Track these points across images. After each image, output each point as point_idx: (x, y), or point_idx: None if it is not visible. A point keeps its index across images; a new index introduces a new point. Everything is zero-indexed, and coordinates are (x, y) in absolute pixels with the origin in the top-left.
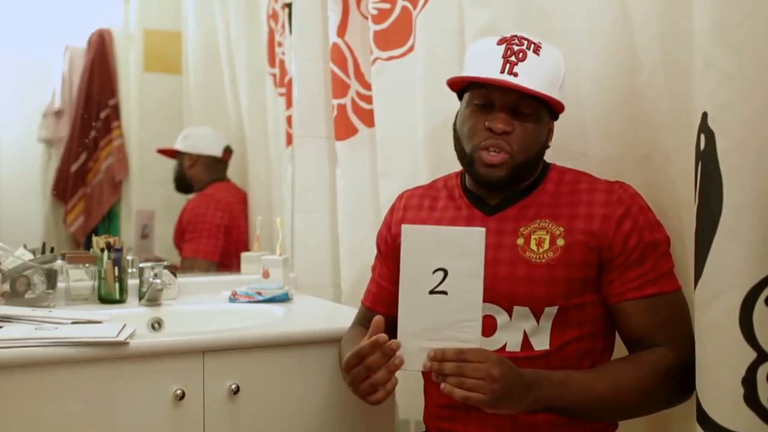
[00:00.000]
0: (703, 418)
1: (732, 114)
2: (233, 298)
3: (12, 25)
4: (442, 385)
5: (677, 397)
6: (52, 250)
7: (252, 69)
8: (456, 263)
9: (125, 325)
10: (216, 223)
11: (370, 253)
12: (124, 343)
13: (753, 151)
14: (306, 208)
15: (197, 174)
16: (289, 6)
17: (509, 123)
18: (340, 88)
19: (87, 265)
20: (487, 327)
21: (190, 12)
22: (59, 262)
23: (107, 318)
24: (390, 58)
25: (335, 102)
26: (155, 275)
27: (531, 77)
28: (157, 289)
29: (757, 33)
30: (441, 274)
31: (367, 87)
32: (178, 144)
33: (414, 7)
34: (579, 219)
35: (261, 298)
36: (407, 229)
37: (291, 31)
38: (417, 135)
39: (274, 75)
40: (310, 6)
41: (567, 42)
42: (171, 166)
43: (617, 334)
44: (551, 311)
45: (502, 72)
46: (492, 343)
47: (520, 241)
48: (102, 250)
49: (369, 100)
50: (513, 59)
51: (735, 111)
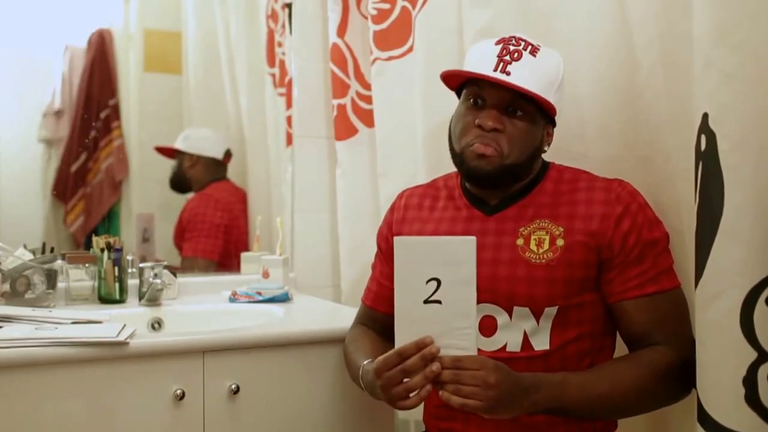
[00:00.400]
0: (704, 417)
1: (732, 114)
2: (233, 298)
3: (12, 25)
4: (439, 393)
5: (677, 395)
6: (52, 250)
7: (252, 69)
8: (448, 272)
9: (125, 325)
10: (215, 223)
11: (370, 253)
12: (124, 343)
13: (753, 152)
14: (306, 208)
15: (197, 174)
16: (289, 6)
17: (499, 120)
18: (340, 88)
19: (87, 265)
20: (488, 327)
21: (190, 12)
22: (59, 262)
23: (107, 318)
24: (390, 58)
25: (335, 102)
26: (155, 275)
27: (524, 77)
28: (157, 289)
29: (758, 33)
30: (434, 283)
31: (367, 87)
32: (178, 143)
33: (413, 8)
34: (578, 219)
35: (261, 298)
36: (399, 241)
37: (291, 31)
38: (416, 135)
39: (273, 75)
40: (310, 6)
41: (566, 42)
42: (171, 166)
43: (617, 332)
44: (551, 311)
45: (495, 70)
46: (492, 344)
47: (519, 242)
48: (102, 250)
49: (369, 100)
50: (507, 58)
51: (735, 111)
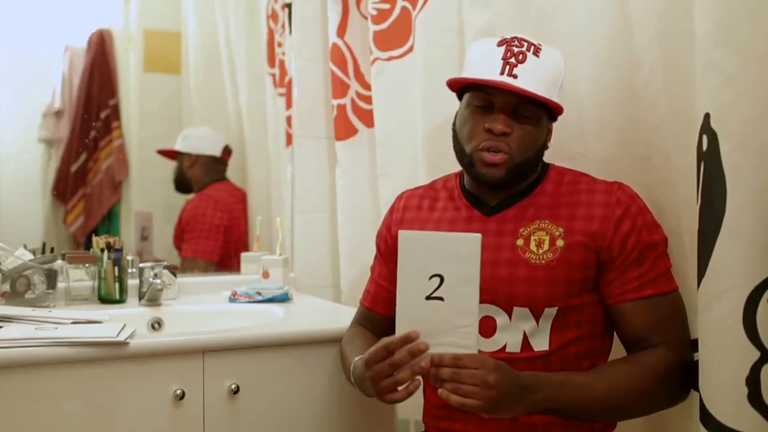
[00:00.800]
0: (707, 417)
1: (734, 114)
2: (233, 298)
3: (12, 25)
4: (438, 391)
5: (676, 397)
6: (52, 250)
7: (252, 69)
8: (452, 269)
9: (125, 325)
10: (215, 224)
11: (369, 253)
12: (124, 343)
13: (755, 151)
14: (306, 208)
15: (197, 174)
16: (289, 6)
17: (508, 124)
18: (339, 88)
19: (87, 265)
20: (487, 328)
21: (190, 12)
22: (59, 262)
23: (107, 318)
24: (390, 58)
25: (335, 102)
26: (155, 275)
27: (530, 79)
28: (157, 289)
29: (758, 34)
30: (437, 280)
31: (367, 87)
32: (177, 144)
33: (413, 8)
34: (578, 220)
35: (261, 298)
36: (404, 235)
37: (291, 31)
38: (416, 135)
39: (273, 75)
40: (310, 6)
41: (566, 42)
42: (171, 166)
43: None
44: (551, 312)
45: (501, 74)
46: (492, 344)
47: (519, 242)
48: (102, 250)
49: (369, 100)
50: (513, 61)
51: (737, 112)
